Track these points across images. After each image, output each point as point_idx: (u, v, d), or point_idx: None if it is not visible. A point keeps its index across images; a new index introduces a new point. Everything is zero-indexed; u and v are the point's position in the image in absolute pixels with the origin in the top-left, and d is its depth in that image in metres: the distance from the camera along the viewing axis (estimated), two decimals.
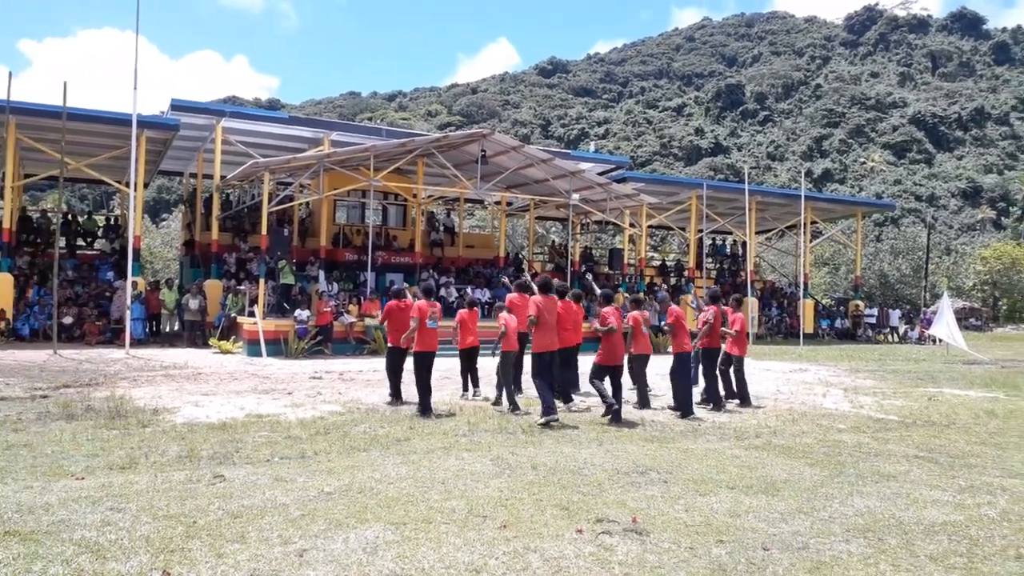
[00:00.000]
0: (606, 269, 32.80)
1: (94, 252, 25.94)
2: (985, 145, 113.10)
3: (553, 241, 42.69)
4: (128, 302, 18.58)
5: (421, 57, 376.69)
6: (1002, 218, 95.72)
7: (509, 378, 10.33)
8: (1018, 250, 58.19)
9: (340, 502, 5.56)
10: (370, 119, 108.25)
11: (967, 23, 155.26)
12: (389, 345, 11.01)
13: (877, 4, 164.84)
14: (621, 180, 28.12)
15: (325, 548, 4.55)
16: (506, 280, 17.19)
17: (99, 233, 26.89)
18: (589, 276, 23.92)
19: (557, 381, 10.23)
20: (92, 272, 23.03)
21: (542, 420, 9.05)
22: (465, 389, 11.60)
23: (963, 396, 13.27)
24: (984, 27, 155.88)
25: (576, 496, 5.90)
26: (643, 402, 10.84)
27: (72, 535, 4.66)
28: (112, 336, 20.00)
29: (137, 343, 19.29)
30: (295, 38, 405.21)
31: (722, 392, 11.21)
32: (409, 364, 10.33)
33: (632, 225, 28.26)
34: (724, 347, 11.42)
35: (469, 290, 24.22)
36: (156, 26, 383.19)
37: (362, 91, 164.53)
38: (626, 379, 10.42)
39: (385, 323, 11.42)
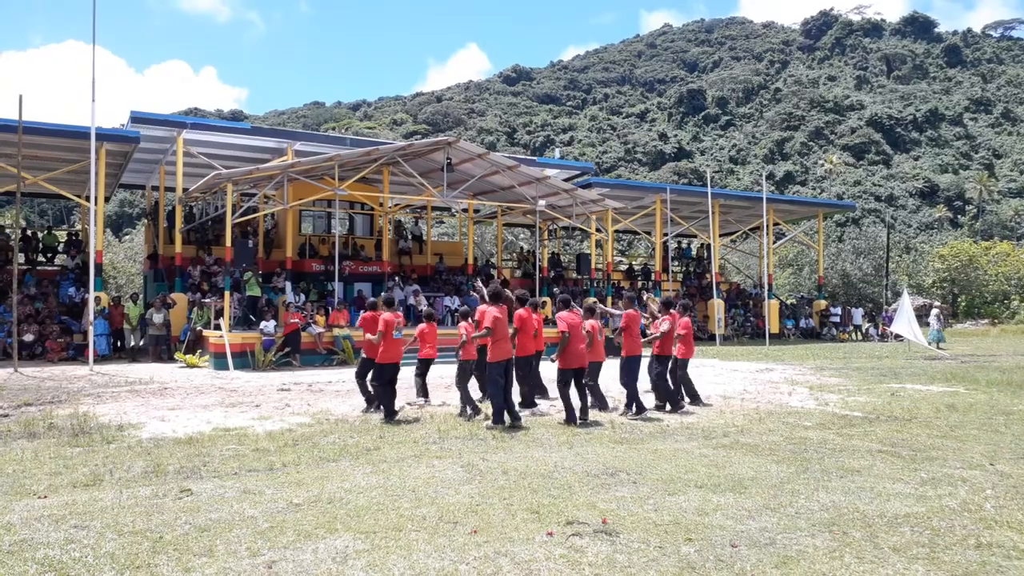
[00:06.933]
0: (574, 274, 32.99)
1: (55, 268, 25.48)
2: (940, 146, 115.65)
3: (521, 248, 42.81)
4: (91, 317, 18.27)
5: (390, 64, 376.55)
6: (958, 216, 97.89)
7: (466, 385, 10.45)
8: (975, 248, 59.51)
9: (309, 513, 5.52)
10: (334, 129, 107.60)
11: (919, 27, 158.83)
12: (364, 356, 11.02)
13: (832, 9, 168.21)
14: (586, 186, 28.33)
15: (294, 559, 4.53)
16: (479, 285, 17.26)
17: (60, 248, 26.42)
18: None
19: (522, 388, 10.37)
20: (53, 288, 22.62)
21: (489, 424, 9.34)
22: (418, 395, 11.58)
23: (924, 391, 13.53)
24: (936, 30, 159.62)
25: (546, 499, 5.93)
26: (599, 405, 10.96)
27: (35, 554, 4.58)
28: (75, 353, 19.65)
29: (101, 359, 18.97)
30: (262, 47, 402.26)
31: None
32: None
33: (598, 230, 28.44)
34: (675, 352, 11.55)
35: (448, 303, 24.25)
36: (123, 39, 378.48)
37: (326, 101, 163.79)
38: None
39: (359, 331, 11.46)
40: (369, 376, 10.63)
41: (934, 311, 28.56)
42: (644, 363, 11.20)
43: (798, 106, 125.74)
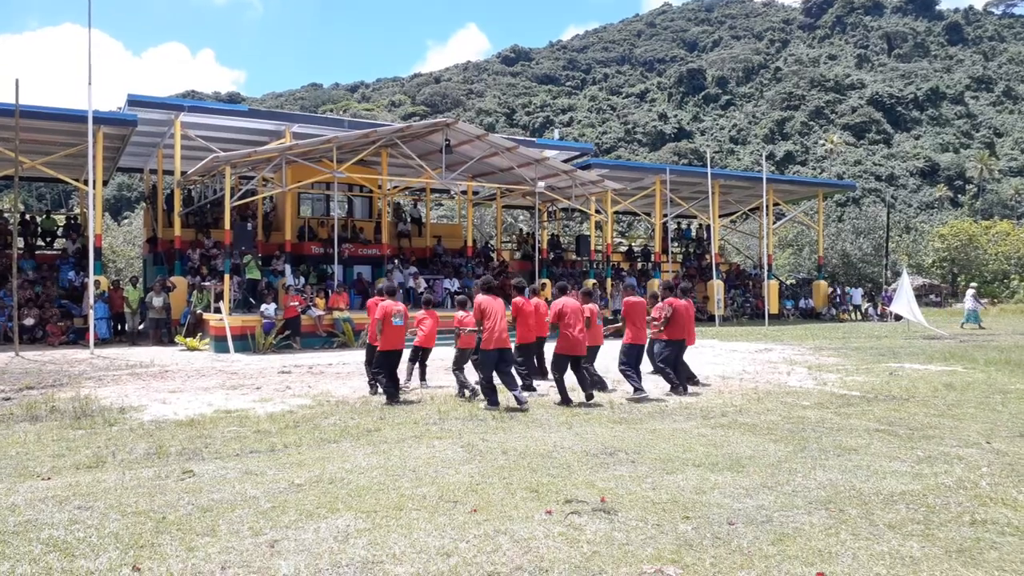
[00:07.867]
0: (574, 256, 32.99)
1: (54, 252, 25.46)
2: (941, 124, 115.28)
3: (521, 229, 42.76)
4: (91, 301, 18.29)
5: (389, 45, 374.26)
6: (959, 196, 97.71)
7: (462, 371, 10.54)
8: (975, 227, 59.43)
9: (311, 493, 5.57)
10: (332, 111, 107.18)
11: (920, 4, 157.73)
12: (368, 343, 11.08)
13: None
14: (585, 167, 28.24)
15: (296, 538, 4.57)
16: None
17: (59, 232, 26.39)
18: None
19: (521, 373, 10.47)
20: (53, 272, 22.63)
21: (484, 406, 9.42)
22: (408, 379, 11.50)
23: (923, 370, 13.58)
24: (937, 8, 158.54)
25: (546, 479, 5.98)
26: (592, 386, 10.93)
27: (39, 534, 4.63)
28: (76, 337, 19.69)
29: (102, 343, 19.01)
30: (260, 29, 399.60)
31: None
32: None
33: (598, 211, 28.41)
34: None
35: (448, 285, 24.26)
36: (120, 22, 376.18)
37: (324, 83, 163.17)
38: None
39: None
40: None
41: (970, 291, 28.67)
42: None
43: (798, 85, 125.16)
